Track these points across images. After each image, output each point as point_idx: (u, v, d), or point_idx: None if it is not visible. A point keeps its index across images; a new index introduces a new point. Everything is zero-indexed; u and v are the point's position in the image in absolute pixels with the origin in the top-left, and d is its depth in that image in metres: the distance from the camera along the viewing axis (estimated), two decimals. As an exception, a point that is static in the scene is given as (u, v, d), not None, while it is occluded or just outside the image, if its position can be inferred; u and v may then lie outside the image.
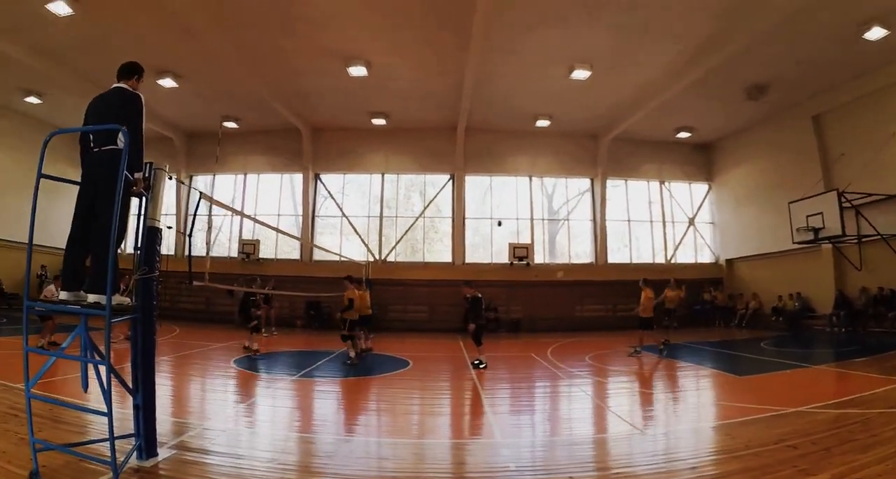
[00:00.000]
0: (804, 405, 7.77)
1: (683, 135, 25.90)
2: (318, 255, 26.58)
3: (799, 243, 20.30)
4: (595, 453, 6.22)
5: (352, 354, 12.57)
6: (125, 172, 4.79)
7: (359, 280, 15.23)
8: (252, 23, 16.44)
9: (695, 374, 12.03)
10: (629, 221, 27.48)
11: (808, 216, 19.52)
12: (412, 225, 26.79)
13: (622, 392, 10.21)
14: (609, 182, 26.98)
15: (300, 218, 27.00)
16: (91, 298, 4.97)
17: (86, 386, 4.89)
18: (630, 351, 14.90)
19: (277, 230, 15.76)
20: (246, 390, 10.06)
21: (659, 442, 6.56)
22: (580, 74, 19.09)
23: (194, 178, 28.40)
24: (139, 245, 5.58)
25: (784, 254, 22.64)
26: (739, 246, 25.92)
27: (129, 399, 5.37)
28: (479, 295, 13.11)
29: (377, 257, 26.22)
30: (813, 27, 15.42)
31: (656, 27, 16.00)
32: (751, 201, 24.88)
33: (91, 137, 5.30)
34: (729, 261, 26.78)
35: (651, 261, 27.04)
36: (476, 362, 12.49)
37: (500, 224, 25.86)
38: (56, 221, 15.33)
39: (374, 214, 27.10)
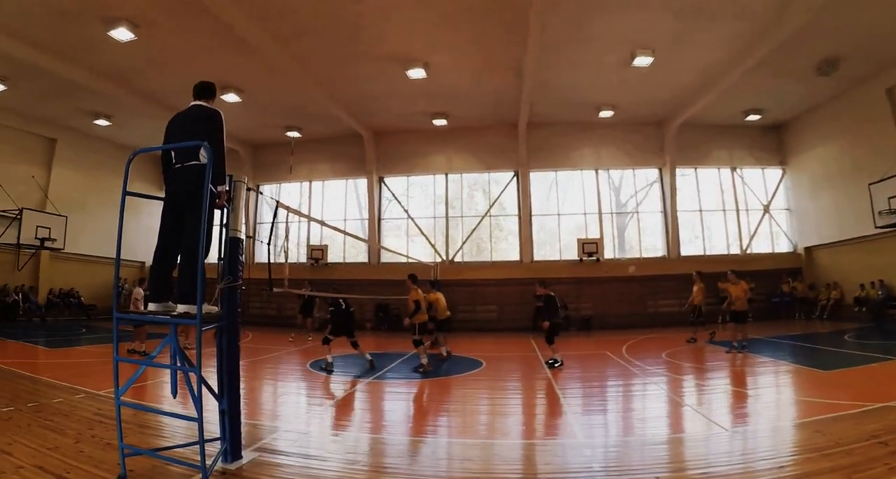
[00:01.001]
0: (894, 399, 7.39)
1: (753, 117, 24.75)
2: (385, 257, 26.76)
3: (881, 226, 19.48)
4: (679, 452, 6.00)
5: (424, 361, 12.07)
6: (210, 185, 4.90)
7: (432, 282, 15.03)
8: (309, 33, 16.70)
9: (778, 369, 11.53)
10: (701, 211, 26.63)
11: (889, 198, 18.82)
12: (478, 224, 26.74)
13: (702, 390, 9.87)
14: (678, 171, 26.15)
15: (366, 222, 27.32)
16: (180, 308, 5.12)
17: (175, 392, 5.02)
18: (728, 348, 13.89)
19: (347, 234, 15.82)
20: (322, 393, 10.18)
21: (744, 441, 6.29)
22: (642, 61, 18.56)
23: (260, 188, 29.02)
24: (222, 255, 5.73)
25: (866, 239, 21.40)
26: (818, 233, 24.51)
27: (212, 403, 5.44)
28: (552, 293, 12.73)
29: (444, 257, 26.23)
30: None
31: (717, 5, 15.38)
32: (828, 184, 23.48)
33: (173, 153, 5.39)
34: (808, 249, 25.48)
35: (725, 252, 26.20)
36: (550, 361, 12.20)
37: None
38: (131, 236, 15.92)
39: (439, 215, 27.23)
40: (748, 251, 26.20)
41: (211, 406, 5.58)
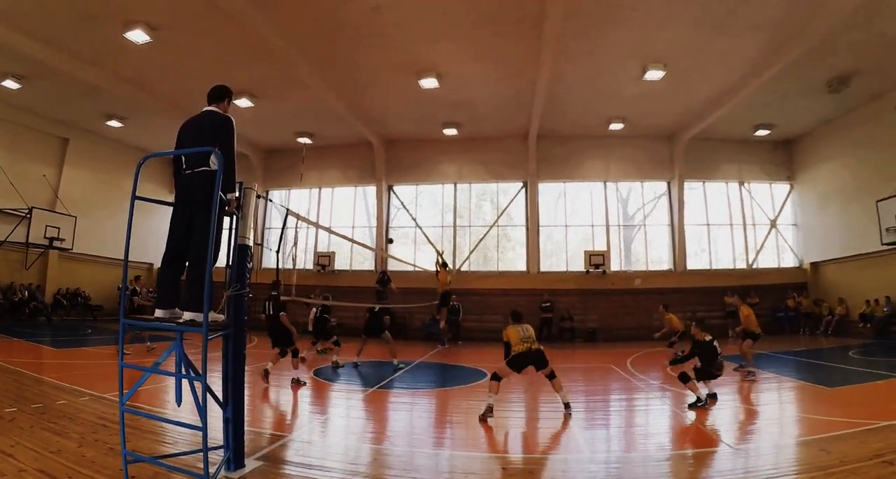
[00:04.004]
0: (899, 418, 7.38)
1: (762, 132, 24.81)
2: (391, 265, 26.76)
3: (888, 243, 19.58)
4: (683, 468, 5.94)
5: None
6: (219, 192, 4.89)
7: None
8: (325, 40, 16.84)
9: (782, 386, 11.45)
10: (708, 224, 26.64)
11: (896, 216, 18.74)
12: (485, 234, 26.79)
13: (706, 406, 9.85)
14: (686, 184, 26.13)
15: (374, 229, 27.39)
16: (186, 315, 5.10)
17: (179, 400, 4.97)
18: (745, 372, 12.45)
19: (354, 242, 15.89)
20: (326, 402, 10.17)
21: (749, 458, 6.24)
22: (654, 75, 18.65)
23: (270, 193, 29.15)
24: (230, 262, 5.72)
25: (873, 256, 21.43)
26: (825, 249, 24.48)
27: (215, 410, 5.43)
28: (710, 339, 9.38)
29: (451, 266, 26.23)
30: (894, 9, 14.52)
31: (733, 20, 15.37)
32: (836, 200, 23.52)
33: (183, 159, 5.39)
34: (814, 264, 25.40)
35: (731, 266, 26.18)
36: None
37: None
38: (141, 237, 15.95)
39: (446, 224, 27.29)
40: (754, 266, 26.18)
41: (215, 413, 5.56)
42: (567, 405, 8.39)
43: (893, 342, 18.80)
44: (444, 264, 19.97)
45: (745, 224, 26.60)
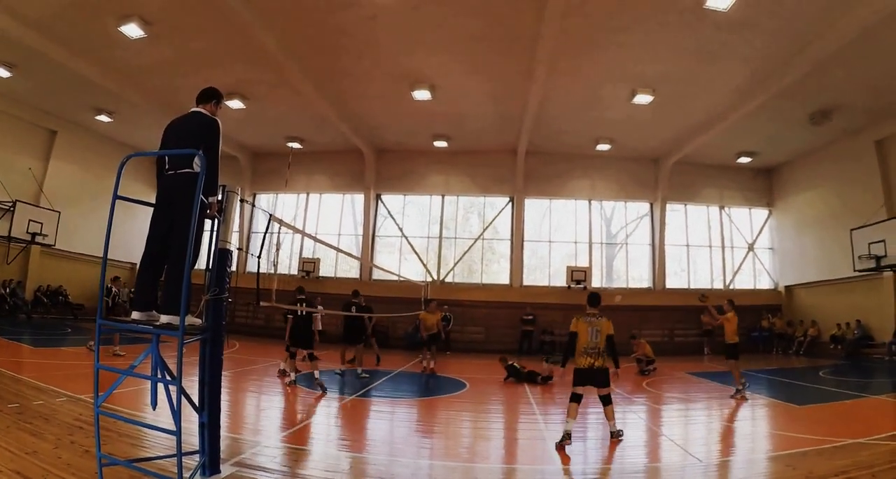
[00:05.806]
0: (864, 436, 7.58)
1: (744, 160, 25.47)
2: (376, 274, 26.82)
3: (860, 270, 20.06)
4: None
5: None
6: (201, 195, 4.84)
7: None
8: (320, 47, 16.91)
9: (753, 403, 11.56)
10: (688, 245, 27.13)
11: (870, 244, 19.39)
12: (471, 246, 26.96)
13: (679, 420, 10.03)
14: (668, 206, 26.58)
15: (360, 237, 27.43)
16: (163, 318, 5.03)
17: (155, 404, 4.91)
18: (735, 392, 11.98)
19: (339, 250, 15.88)
20: (304, 409, 10.15)
21: (719, 473, 6.44)
22: (642, 99, 18.94)
23: (258, 196, 29.13)
24: (210, 266, 5.63)
25: (845, 281, 22.10)
26: (799, 273, 25.31)
27: (192, 414, 5.45)
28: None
29: (435, 277, 26.37)
30: (879, 49, 14.87)
31: (723, 50, 15.71)
32: (812, 227, 24.35)
33: (167, 159, 5.34)
34: (788, 288, 26.20)
35: (709, 286, 26.45)
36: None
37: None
38: (126, 237, 15.89)
39: (433, 235, 27.41)
40: (731, 287, 26.66)
41: (192, 418, 5.58)
42: (618, 433, 7.80)
43: (862, 364, 19.36)
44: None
45: (723, 246, 27.23)
